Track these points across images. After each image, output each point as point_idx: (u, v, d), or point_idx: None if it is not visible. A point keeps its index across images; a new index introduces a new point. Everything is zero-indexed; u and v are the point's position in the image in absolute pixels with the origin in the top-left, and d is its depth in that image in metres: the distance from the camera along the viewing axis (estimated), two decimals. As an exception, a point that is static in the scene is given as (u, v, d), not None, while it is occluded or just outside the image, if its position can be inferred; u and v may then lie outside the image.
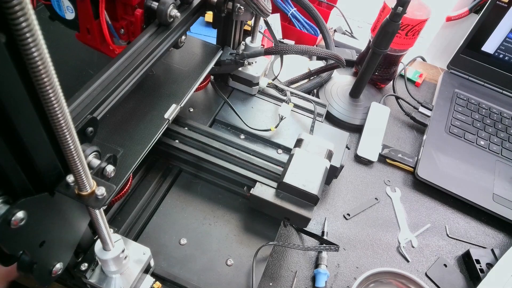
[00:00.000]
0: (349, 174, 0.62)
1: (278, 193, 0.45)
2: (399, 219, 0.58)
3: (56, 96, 0.18)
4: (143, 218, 0.45)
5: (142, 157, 0.39)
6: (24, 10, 0.15)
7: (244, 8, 0.47)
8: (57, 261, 0.29)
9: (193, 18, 0.45)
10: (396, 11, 0.55)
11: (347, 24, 0.90)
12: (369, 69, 0.65)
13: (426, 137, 0.67)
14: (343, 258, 0.53)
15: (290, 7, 0.80)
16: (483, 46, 0.76)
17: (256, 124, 0.54)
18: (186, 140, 0.50)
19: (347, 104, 0.70)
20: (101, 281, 0.35)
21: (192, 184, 0.50)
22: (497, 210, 0.58)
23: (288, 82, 0.70)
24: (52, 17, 0.41)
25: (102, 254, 0.32)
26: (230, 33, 0.52)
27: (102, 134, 0.40)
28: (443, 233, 0.58)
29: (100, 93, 0.33)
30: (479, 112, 0.74)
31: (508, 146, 0.68)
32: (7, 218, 0.22)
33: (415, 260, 0.54)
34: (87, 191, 0.25)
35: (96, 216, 0.28)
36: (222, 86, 0.58)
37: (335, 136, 0.55)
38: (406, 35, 0.66)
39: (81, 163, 0.23)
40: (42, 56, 0.16)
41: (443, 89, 0.76)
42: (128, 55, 0.36)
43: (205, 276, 0.42)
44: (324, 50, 0.55)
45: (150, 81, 0.47)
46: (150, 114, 0.43)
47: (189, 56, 0.51)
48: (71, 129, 0.20)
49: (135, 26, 0.40)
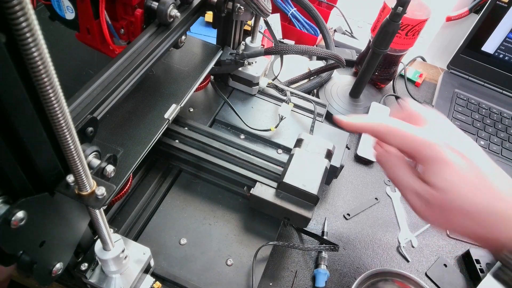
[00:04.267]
0: (349, 174, 0.62)
1: (278, 193, 0.45)
2: (399, 219, 0.58)
3: (56, 96, 0.18)
4: (143, 218, 0.45)
5: (142, 157, 0.39)
6: (24, 10, 0.15)
7: (244, 8, 0.47)
8: (57, 261, 0.29)
9: (193, 18, 0.45)
10: (396, 11, 0.55)
11: (347, 24, 0.90)
12: (369, 69, 0.65)
13: (426, 137, 0.66)
14: (343, 258, 0.53)
15: (290, 7, 0.80)
16: (483, 46, 0.76)
17: (256, 124, 0.54)
18: (186, 140, 0.50)
19: (347, 104, 0.70)
20: (101, 281, 0.35)
21: (192, 184, 0.50)
22: (497, 210, 0.58)
23: (288, 82, 0.70)
24: (52, 17, 0.41)
25: (102, 254, 0.32)
26: (230, 33, 0.52)
27: (102, 134, 0.40)
28: (443, 233, 0.58)
29: (100, 93, 0.33)
30: (479, 112, 0.74)
31: (508, 146, 0.68)
32: (7, 218, 0.22)
33: (415, 260, 0.54)
34: (87, 191, 0.25)
35: (96, 216, 0.28)
36: (222, 86, 0.58)
37: (335, 136, 0.55)
38: (406, 35, 0.66)
39: (81, 163, 0.23)
40: (42, 56, 0.16)
41: (443, 89, 0.76)
42: (128, 55, 0.36)
43: (205, 276, 0.42)
44: (324, 50, 0.55)
45: (150, 81, 0.47)
46: (150, 114, 0.43)
47: (189, 56, 0.51)
48: (71, 129, 0.20)
49: (135, 26, 0.40)
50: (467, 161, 0.34)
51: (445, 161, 0.34)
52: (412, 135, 0.35)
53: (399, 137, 0.36)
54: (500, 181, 0.34)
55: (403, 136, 0.36)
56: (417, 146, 0.35)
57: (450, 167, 0.33)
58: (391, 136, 0.36)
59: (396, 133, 0.36)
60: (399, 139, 0.36)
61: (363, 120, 0.39)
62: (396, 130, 0.36)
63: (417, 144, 0.35)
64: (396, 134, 0.36)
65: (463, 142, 0.35)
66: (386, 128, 0.37)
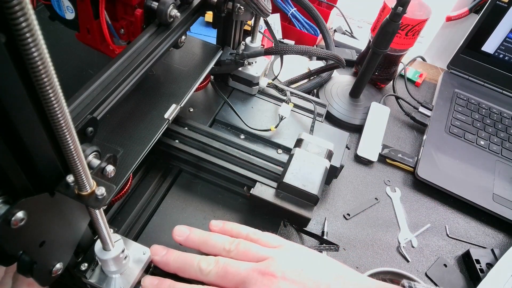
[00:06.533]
0: (349, 174, 0.62)
1: (278, 193, 0.45)
2: (399, 219, 0.58)
3: (56, 96, 0.18)
4: (143, 218, 0.45)
5: (142, 157, 0.39)
6: (24, 10, 0.15)
7: (244, 8, 0.47)
8: (57, 261, 0.29)
9: (193, 18, 0.45)
10: (396, 11, 0.55)
11: (347, 24, 0.90)
12: (369, 69, 0.65)
13: (426, 137, 0.67)
14: (343, 258, 0.53)
15: (290, 7, 0.80)
16: (483, 46, 0.76)
17: (256, 124, 0.54)
18: (186, 140, 0.50)
19: (347, 104, 0.70)
20: (101, 281, 0.35)
21: (192, 184, 0.50)
22: (497, 210, 0.58)
23: (288, 82, 0.70)
24: (52, 17, 0.41)
25: (102, 254, 0.32)
26: (230, 33, 0.52)
27: (102, 134, 0.40)
28: (443, 233, 0.58)
29: (100, 93, 0.33)
30: (479, 112, 0.74)
31: (508, 146, 0.68)
32: (7, 218, 0.22)
33: (415, 260, 0.54)
34: (87, 191, 0.25)
35: (96, 216, 0.28)
36: (222, 86, 0.58)
37: (335, 136, 0.55)
38: (406, 35, 0.66)
39: (81, 163, 0.23)
40: (42, 56, 0.16)
41: (443, 89, 0.76)
42: (128, 55, 0.36)
43: (205, 276, 0.42)
44: (324, 51, 0.55)
45: (150, 81, 0.47)
46: (150, 114, 0.43)
47: (189, 56, 0.51)
48: (71, 129, 0.20)
49: (135, 26, 0.40)
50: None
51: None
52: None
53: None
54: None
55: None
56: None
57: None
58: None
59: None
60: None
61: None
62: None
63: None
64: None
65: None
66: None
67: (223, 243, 0.37)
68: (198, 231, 0.39)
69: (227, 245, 0.37)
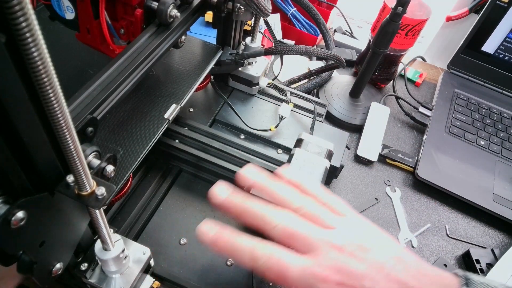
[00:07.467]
0: (349, 174, 0.62)
1: (278, 193, 0.45)
2: (399, 219, 0.58)
3: (56, 96, 0.18)
4: (143, 218, 0.45)
5: (142, 157, 0.39)
6: (24, 10, 0.15)
7: (244, 8, 0.47)
8: (57, 261, 0.29)
9: (193, 18, 0.45)
10: (396, 11, 0.55)
11: (347, 24, 0.90)
12: (369, 69, 0.65)
13: (426, 137, 0.67)
14: (343, 258, 0.52)
15: (290, 7, 0.80)
16: (483, 46, 0.76)
17: (256, 124, 0.54)
18: (186, 140, 0.50)
19: (347, 104, 0.70)
20: (101, 281, 0.35)
21: (192, 184, 0.50)
22: (497, 210, 0.58)
23: (288, 82, 0.70)
24: (52, 17, 0.41)
25: (102, 254, 0.32)
26: (230, 33, 0.52)
27: (102, 134, 0.40)
28: (443, 233, 0.58)
29: (100, 93, 0.33)
30: (479, 112, 0.74)
31: (508, 146, 0.68)
32: (7, 218, 0.22)
33: (415, 260, 0.54)
34: (87, 191, 0.25)
35: (96, 216, 0.28)
36: (222, 86, 0.58)
37: (335, 136, 0.55)
38: (406, 35, 0.66)
39: (81, 163, 0.23)
40: (42, 56, 0.16)
41: (443, 89, 0.76)
42: (128, 55, 0.36)
43: (205, 276, 0.42)
44: (324, 51, 0.55)
45: (150, 81, 0.47)
46: (150, 114, 0.43)
47: (189, 56, 0.51)
48: (71, 129, 0.20)
49: (135, 26, 0.40)
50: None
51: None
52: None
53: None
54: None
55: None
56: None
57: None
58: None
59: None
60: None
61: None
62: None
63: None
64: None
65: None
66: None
67: (292, 199, 0.35)
68: (266, 177, 0.37)
69: (297, 203, 0.35)
